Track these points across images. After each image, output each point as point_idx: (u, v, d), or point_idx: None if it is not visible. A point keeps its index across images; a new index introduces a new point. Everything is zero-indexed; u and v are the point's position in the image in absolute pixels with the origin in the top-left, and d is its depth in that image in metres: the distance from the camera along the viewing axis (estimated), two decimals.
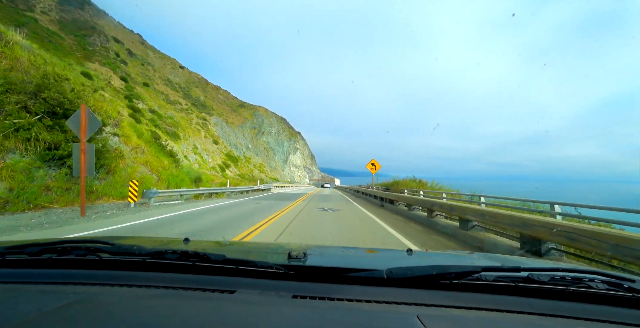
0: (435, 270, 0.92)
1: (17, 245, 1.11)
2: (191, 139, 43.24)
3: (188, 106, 55.68)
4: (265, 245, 1.88)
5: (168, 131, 37.12)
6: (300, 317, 0.72)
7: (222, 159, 45.12)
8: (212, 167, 40.83)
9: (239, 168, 47.19)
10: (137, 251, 1.04)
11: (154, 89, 52.77)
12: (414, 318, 0.72)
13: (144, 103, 40.03)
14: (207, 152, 43.47)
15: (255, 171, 52.77)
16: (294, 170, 78.44)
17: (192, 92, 65.85)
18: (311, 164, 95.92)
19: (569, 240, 3.39)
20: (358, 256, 1.54)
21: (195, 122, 50.56)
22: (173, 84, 62.63)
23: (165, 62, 71.12)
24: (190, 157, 37.39)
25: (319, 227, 7.27)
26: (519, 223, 4.30)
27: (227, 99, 74.94)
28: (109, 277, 0.99)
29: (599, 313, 0.80)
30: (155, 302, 0.80)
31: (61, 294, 0.83)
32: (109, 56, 50.65)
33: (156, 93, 50.94)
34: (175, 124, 42.22)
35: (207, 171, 38.62)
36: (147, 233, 5.95)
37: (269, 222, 7.89)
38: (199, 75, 76.11)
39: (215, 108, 64.58)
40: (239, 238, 5.75)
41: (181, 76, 70.44)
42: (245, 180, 43.58)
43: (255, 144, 65.22)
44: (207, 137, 48.26)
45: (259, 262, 0.98)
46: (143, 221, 7.57)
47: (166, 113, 44.35)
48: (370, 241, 5.92)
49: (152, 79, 56.94)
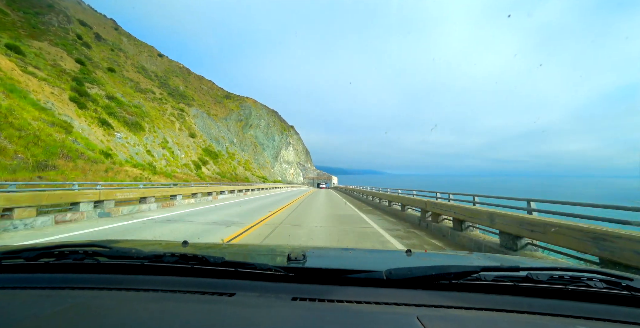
0: (434, 270, 0.92)
1: (13, 249, 1.10)
2: (161, 131, 36.81)
3: (163, 96, 49.19)
4: (264, 247, 1.86)
5: (127, 120, 30.62)
6: (299, 319, 0.72)
7: (199, 154, 38.71)
8: (185, 164, 34.45)
9: (220, 166, 40.84)
10: (135, 254, 1.03)
11: (122, 75, 46.22)
12: (413, 319, 0.72)
13: (100, 88, 33.52)
14: (181, 147, 37.08)
15: (240, 169, 46.43)
16: (286, 168, 71.66)
17: (171, 81, 59.18)
18: (306, 161, 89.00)
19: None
20: (357, 257, 1.52)
21: (170, 113, 44.08)
22: (148, 72, 55.97)
23: (142, 50, 64.43)
24: (155, 152, 30.95)
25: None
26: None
27: (212, 90, 68.34)
28: (107, 281, 0.97)
29: (597, 312, 0.81)
30: (154, 306, 0.80)
31: (59, 299, 0.83)
32: (67, 38, 43.84)
33: (124, 80, 44.39)
34: (142, 114, 35.74)
35: (177, 169, 32.20)
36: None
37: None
38: (180, 64, 69.38)
39: (196, 98, 58.02)
40: None
41: (159, 64, 63.77)
42: (225, 180, 37.24)
43: (241, 138, 58.76)
44: (182, 129, 41.79)
45: (258, 264, 0.97)
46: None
47: (131, 101, 37.85)
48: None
49: (122, 65, 50.34)
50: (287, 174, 70.12)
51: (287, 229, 7.09)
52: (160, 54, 67.60)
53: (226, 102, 66.04)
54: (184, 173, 31.90)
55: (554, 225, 3.65)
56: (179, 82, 61.06)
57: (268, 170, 60.12)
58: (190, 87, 62.48)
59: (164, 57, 68.26)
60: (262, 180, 47.53)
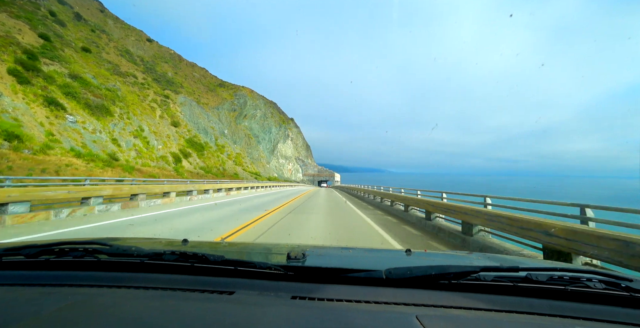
0: (434, 270, 0.92)
1: (14, 246, 1.09)
2: (136, 118, 31.93)
3: (147, 81, 44.33)
4: (264, 245, 1.84)
5: (91, 103, 25.71)
6: (299, 317, 0.72)
7: (181, 145, 33.82)
8: (162, 156, 29.59)
9: (205, 159, 35.98)
10: (135, 252, 1.03)
11: (100, 57, 41.37)
12: (412, 319, 0.72)
13: (63, 66, 28.67)
14: (159, 136, 32.23)
15: (229, 163, 41.55)
16: (284, 163, 66.33)
17: (159, 67, 54.22)
18: (306, 156, 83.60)
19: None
20: (357, 256, 1.51)
21: (152, 99, 39.23)
22: (133, 57, 51.07)
23: (129, 33, 59.53)
24: (123, 141, 26.07)
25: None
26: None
27: (204, 78, 63.24)
28: (107, 279, 0.97)
29: (597, 312, 0.81)
30: (154, 303, 0.80)
31: (59, 296, 0.83)
32: (37, 13, 38.86)
33: (100, 61, 39.54)
34: (115, 97, 30.87)
35: (151, 162, 27.29)
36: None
37: None
38: (170, 50, 64.33)
39: (185, 86, 53.08)
40: None
41: (147, 49, 58.83)
42: (209, 175, 32.38)
43: (233, 129, 53.78)
44: (164, 117, 36.91)
45: (258, 262, 0.97)
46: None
47: (104, 84, 32.99)
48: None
49: (102, 47, 45.51)
50: (284, 170, 64.80)
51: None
52: (150, 39, 62.61)
53: (219, 91, 60.99)
54: (158, 168, 27.03)
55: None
56: (168, 68, 56.11)
57: (262, 165, 55.10)
58: (180, 74, 57.50)
59: (154, 42, 63.28)
60: (254, 177, 42.62)
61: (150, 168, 25.80)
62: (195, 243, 1.53)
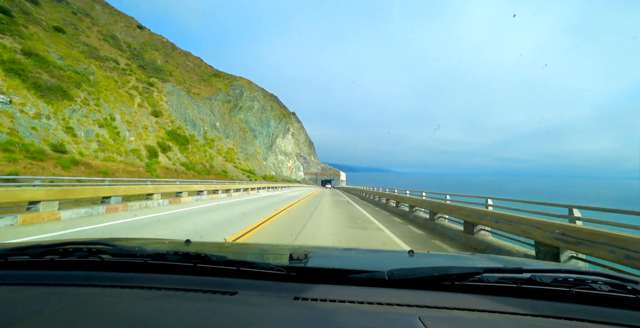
0: (436, 271, 0.91)
1: (19, 246, 1.10)
2: (108, 104, 27.37)
3: (130, 67, 39.91)
4: (266, 246, 1.81)
5: (42, 84, 21.13)
6: (301, 318, 0.72)
7: (160, 137, 29.16)
8: (134, 149, 24.95)
9: (189, 154, 31.32)
10: (138, 252, 1.04)
11: (77, 39, 36.98)
12: (415, 320, 0.72)
13: (16, 41, 24.24)
14: (134, 126, 27.65)
15: (218, 159, 36.81)
16: (283, 159, 60.88)
17: (147, 54, 49.80)
18: (309, 153, 78.02)
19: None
20: (359, 257, 1.50)
21: (132, 86, 34.73)
22: (119, 42, 46.69)
23: (118, 19, 55.23)
24: (82, 130, 21.46)
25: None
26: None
27: (198, 67, 58.62)
28: (110, 279, 0.97)
29: (602, 315, 0.80)
30: (157, 303, 0.80)
31: (63, 296, 0.83)
32: None
33: (74, 43, 35.08)
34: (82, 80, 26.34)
35: (117, 156, 22.62)
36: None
37: None
38: (163, 39, 59.94)
39: (176, 75, 48.61)
40: None
41: (137, 36, 54.48)
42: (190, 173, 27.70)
43: (227, 121, 49.04)
44: (143, 106, 32.30)
45: (260, 263, 0.97)
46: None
47: (73, 65, 28.51)
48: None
49: (82, 30, 41.17)
50: (283, 168, 59.41)
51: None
52: (141, 26, 58.29)
53: (214, 81, 56.31)
54: (125, 163, 22.36)
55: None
56: (158, 56, 51.67)
57: (258, 162, 50.19)
58: (171, 63, 53.01)
59: (145, 29, 58.95)
60: (246, 175, 37.83)
61: (114, 163, 21.20)
62: (198, 243, 1.52)
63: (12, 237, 5.17)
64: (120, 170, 19.37)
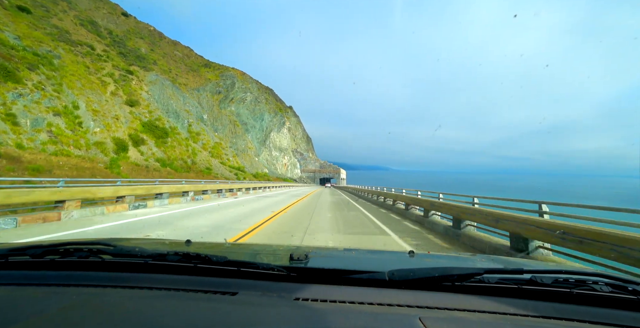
0: (437, 272, 0.92)
1: (19, 246, 1.10)
2: (71, 91, 23.73)
3: (108, 54, 36.22)
4: (267, 246, 1.81)
5: None
6: (301, 318, 0.72)
7: (133, 129, 25.53)
8: (98, 141, 21.35)
9: (167, 149, 27.72)
10: (139, 253, 1.04)
11: (45, 21, 33.18)
12: (416, 321, 0.72)
13: None
14: (101, 116, 24.06)
15: (203, 154, 33.18)
16: (277, 156, 56.80)
17: (130, 42, 46.08)
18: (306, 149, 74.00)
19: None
20: (360, 258, 1.50)
21: (107, 73, 31.04)
22: (99, 28, 42.90)
23: (100, 6, 51.41)
24: (28, 119, 17.89)
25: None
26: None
27: (187, 57, 54.84)
28: (111, 279, 0.98)
29: (603, 316, 0.80)
30: (157, 304, 0.80)
31: (63, 296, 0.84)
32: None
33: (41, 24, 31.33)
34: (40, 62, 22.75)
35: (74, 150, 19.02)
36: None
37: None
38: (150, 27, 56.17)
39: (161, 63, 44.90)
40: None
41: (121, 24, 50.71)
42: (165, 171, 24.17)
43: (216, 114, 45.36)
44: (117, 94, 28.64)
45: (261, 263, 0.97)
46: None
47: (34, 47, 24.91)
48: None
49: (54, 12, 37.43)
50: (277, 165, 55.39)
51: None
52: (125, 13, 54.50)
53: (203, 71, 52.52)
54: (84, 158, 18.77)
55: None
56: (143, 45, 47.95)
57: (250, 158, 46.46)
58: (158, 52, 49.27)
59: (130, 17, 55.16)
60: (234, 173, 34.20)
61: (67, 158, 17.64)
62: (199, 244, 1.52)
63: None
64: (68, 167, 15.76)
